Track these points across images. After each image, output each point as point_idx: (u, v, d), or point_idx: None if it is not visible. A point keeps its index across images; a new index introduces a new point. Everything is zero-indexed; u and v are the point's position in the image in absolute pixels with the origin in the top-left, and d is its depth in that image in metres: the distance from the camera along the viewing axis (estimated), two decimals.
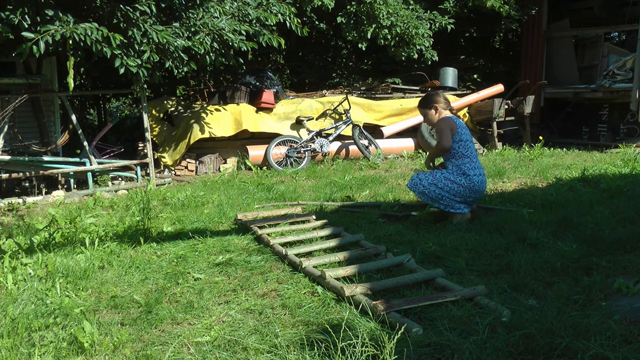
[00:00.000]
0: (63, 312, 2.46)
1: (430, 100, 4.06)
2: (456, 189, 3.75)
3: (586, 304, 2.30)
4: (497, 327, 2.06)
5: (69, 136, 6.57)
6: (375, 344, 1.86)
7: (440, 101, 4.02)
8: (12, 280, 2.85)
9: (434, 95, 4.10)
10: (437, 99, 4.04)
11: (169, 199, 5.24)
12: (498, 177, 5.62)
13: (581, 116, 9.17)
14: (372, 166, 7.24)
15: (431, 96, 4.10)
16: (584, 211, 3.86)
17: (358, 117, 8.31)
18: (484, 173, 3.90)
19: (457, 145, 3.84)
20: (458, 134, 3.83)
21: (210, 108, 7.76)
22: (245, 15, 6.73)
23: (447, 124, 3.87)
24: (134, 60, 5.27)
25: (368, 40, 9.05)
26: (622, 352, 1.82)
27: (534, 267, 2.77)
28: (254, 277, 2.93)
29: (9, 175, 5.99)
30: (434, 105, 4.01)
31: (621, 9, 9.41)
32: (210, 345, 2.11)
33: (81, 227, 3.92)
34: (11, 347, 2.13)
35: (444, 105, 4.01)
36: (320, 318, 2.31)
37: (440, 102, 4.02)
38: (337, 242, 3.43)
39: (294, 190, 5.63)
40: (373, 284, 2.56)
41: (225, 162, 7.83)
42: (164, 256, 3.38)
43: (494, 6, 9.47)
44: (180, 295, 2.71)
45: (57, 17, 4.80)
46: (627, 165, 5.74)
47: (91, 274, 3.02)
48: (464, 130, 3.89)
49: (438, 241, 3.35)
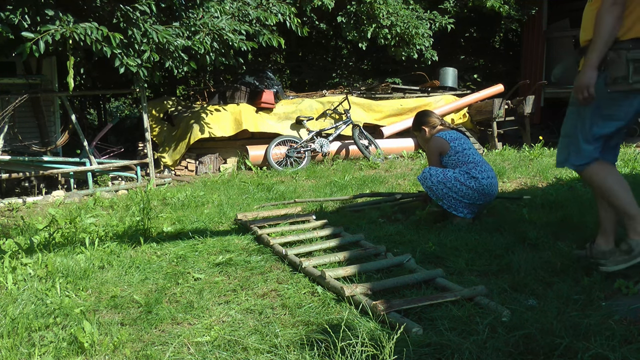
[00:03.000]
0: (63, 312, 2.46)
1: (417, 122, 4.16)
2: (465, 190, 3.73)
3: (586, 304, 2.29)
4: (497, 327, 2.06)
5: (69, 136, 6.57)
6: (375, 344, 1.86)
7: (428, 122, 4.09)
8: (12, 280, 2.85)
9: (420, 117, 4.16)
10: (424, 120, 4.11)
11: (169, 199, 5.24)
12: (498, 177, 5.61)
13: None
14: (372, 166, 7.24)
15: (418, 118, 4.17)
16: (584, 211, 3.86)
17: (358, 117, 8.32)
18: (494, 176, 3.85)
19: (453, 159, 3.84)
20: (451, 149, 3.84)
21: (210, 108, 7.76)
22: (245, 15, 6.74)
23: (435, 147, 3.91)
24: (134, 60, 5.27)
25: (368, 40, 9.05)
26: (622, 352, 1.82)
27: (534, 267, 2.77)
28: (254, 277, 2.93)
29: (9, 175, 5.99)
30: (421, 128, 4.11)
31: None
32: (210, 345, 2.11)
33: (81, 227, 3.92)
34: (11, 347, 2.14)
35: (432, 123, 4.08)
36: (320, 318, 2.31)
37: (427, 122, 4.09)
38: (337, 242, 3.43)
39: (294, 190, 5.63)
40: (373, 284, 2.56)
41: (225, 162, 7.83)
42: (164, 256, 3.39)
43: (494, 6, 9.47)
44: (180, 295, 2.71)
45: (57, 17, 4.81)
46: (627, 165, 5.74)
47: (91, 274, 3.02)
48: (458, 141, 3.86)
49: (438, 241, 3.35)
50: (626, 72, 2.48)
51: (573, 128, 2.68)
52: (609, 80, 2.51)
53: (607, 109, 2.56)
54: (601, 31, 2.47)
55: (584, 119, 2.62)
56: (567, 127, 2.74)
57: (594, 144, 2.63)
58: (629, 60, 2.47)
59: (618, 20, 2.46)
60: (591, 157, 2.64)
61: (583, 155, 2.65)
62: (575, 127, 2.67)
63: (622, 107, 2.55)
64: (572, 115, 2.70)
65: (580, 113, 2.64)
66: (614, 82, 2.50)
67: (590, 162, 2.65)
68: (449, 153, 3.85)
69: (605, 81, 2.52)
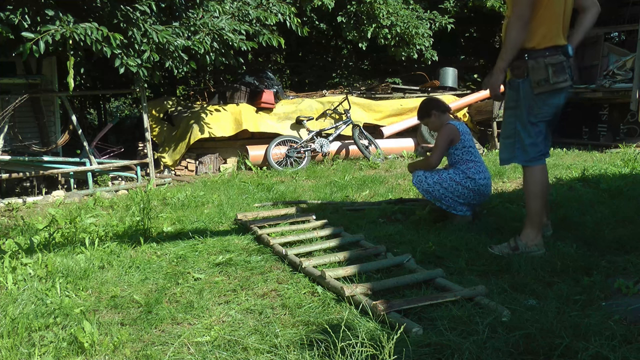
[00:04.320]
0: (63, 312, 2.46)
1: (425, 108, 3.98)
2: (460, 190, 3.73)
3: (586, 304, 2.29)
4: (497, 327, 2.06)
5: (69, 136, 6.57)
6: (375, 344, 1.86)
7: (438, 106, 3.93)
8: (12, 280, 2.85)
9: (428, 102, 4.01)
10: (433, 104, 3.94)
11: (169, 199, 5.24)
12: (498, 177, 5.62)
13: (581, 116, 9.17)
14: (372, 166, 7.24)
15: (425, 104, 4.02)
16: (584, 211, 3.86)
17: (358, 117, 8.31)
18: (490, 176, 3.85)
19: (460, 152, 3.79)
20: (461, 141, 3.78)
21: (210, 108, 7.76)
22: (245, 15, 6.74)
23: (447, 134, 3.78)
24: (134, 60, 5.27)
25: (368, 40, 9.06)
26: (622, 352, 1.82)
27: (534, 267, 2.77)
28: (254, 277, 2.93)
29: (9, 175, 5.99)
30: (431, 113, 3.92)
31: (621, 9, 9.41)
32: (210, 345, 2.11)
33: (81, 227, 3.92)
34: (11, 347, 2.13)
35: (442, 108, 3.93)
36: (320, 318, 2.31)
37: (438, 106, 3.92)
38: (337, 242, 3.43)
39: (294, 190, 5.63)
40: (373, 284, 2.56)
41: (225, 162, 7.83)
42: (164, 256, 3.38)
43: (494, 6, 9.48)
44: (180, 295, 2.71)
45: (57, 17, 4.81)
46: (627, 165, 5.74)
47: (91, 274, 3.02)
48: (467, 136, 3.83)
49: (438, 241, 3.35)
50: (546, 74, 2.90)
51: (513, 130, 3.08)
52: (533, 84, 2.93)
53: (538, 108, 2.98)
54: (507, 39, 2.90)
55: (522, 120, 3.02)
56: (507, 130, 3.14)
57: (536, 138, 3.03)
58: (547, 64, 2.90)
59: (522, 32, 2.86)
60: (537, 151, 3.05)
61: (529, 151, 3.04)
62: (515, 129, 3.07)
63: (550, 105, 2.98)
64: (510, 119, 3.11)
65: (517, 116, 3.04)
66: (538, 85, 2.92)
67: (538, 158, 3.07)
68: (456, 146, 3.79)
69: (530, 85, 2.94)
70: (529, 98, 2.97)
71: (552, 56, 2.91)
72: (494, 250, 3.09)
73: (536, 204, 3.06)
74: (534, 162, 3.06)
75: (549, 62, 2.90)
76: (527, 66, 2.94)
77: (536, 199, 3.06)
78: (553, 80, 2.91)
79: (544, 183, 3.12)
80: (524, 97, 2.98)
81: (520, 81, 2.99)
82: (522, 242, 3.04)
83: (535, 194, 3.06)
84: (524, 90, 2.98)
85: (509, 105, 3.11)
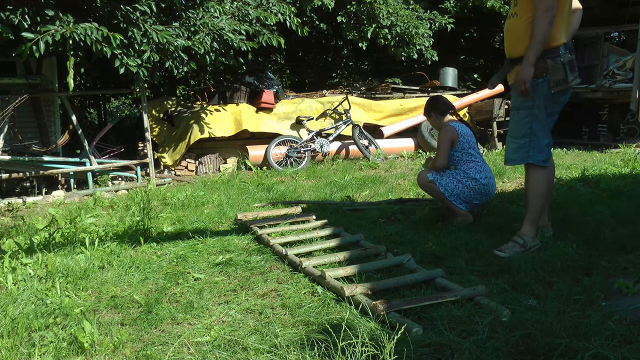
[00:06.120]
0: (63, 312, 2.46)
1: (427, 107, 4.09)
2: (461, 188, 3.73)
3: (586, 304, 2.29)
4: (497, 327, 2.06)
5: (69, 136, 6.56)
6: (375, 344, 1.86)
7: (436, 108, 4.00)
8: (12, 280, 2.85)
9: (431, 102, 4.10)
10: (433, 106, 4.03)
11: (169, 199, 5.24)
12: (498, 177, 5.62)
13: (581, 116, 9.17)
14: (372, 166, 7.24)
15: (429, 103, 4.11)
16: (584, 211, 3.86)
17: (358, 117, 8.31)
18: (492, 176, 3.86)
19: (459, 154, 3.81)
20: (460, 143, 3.81)
21: (210, 108, 7.76)
22: (245, 15, 6.74)
23: (447, 136, 3.82)
24: (134, 60, 5.27)
25: (368, 40, 9.05)
26: (622, 352, 1.82)
27: (534, 267, 2.77)
28: (254, 277, 2.93)
29: (9, 175, 5.99)
30: (430, 113, 4.05)
31: (621, 9, 9.41)
32: (210, 345, 2.11)
33: (81, 227, 3.92)
34: (11, 347, 2.13)
35: (440, 110, 3.98)
36: (320, 318, 2.31)
37: (436, 108, 4.00)
38: (337, 242, 3.42)
39: (294, 190, 5.63)
40: (373, 284, 2.56)
41: (225, 162, 7.83)
42: (164, 256, 3.38)
43: (494, 6, 9.48)
44: (180, 295, 2.71)
45: (57, 17, 4.81)
46: (627, 165, 5.74)
47: (91, 274, 3.01)
48: (467, 137, 3.84)
49: (438, 241, 3.35)
50: (564, 74, 2.94)
51: (529, 129, 3.05)
52: (552, 84, 2.96)
53: (551, 107, 3.04)
54: (537, 33, 2.85)
55: (540, 118, 3.02)
56: (521, 129, 3.09)
57: (549, 137, 3.09)
58: (564, 63, 2.92)
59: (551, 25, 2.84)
60: (549, 151, 3.10)
61: (545, 151, 3.07)
62: (531, 128, 3.04)
63: (560, 103, 3.07)
64: (526, 118, 3.06)
65: (534, 115, 3.03)
66: (556, 84, 2.95)
67: (549, 159, 3.12)
68: (455, 147, 3.83)
69: (549, 85, 2.96)
70: (546, 98, 2.98)
71: (564, 55, 2.92)
72: (504, 253, 3.03)
73: (540, 202, 3.10)
74: (547, 162, 3.10)
75: (565, 61, 2.92)
76: (546, 66, 2.93)
77: (541, 197, 3.10)
78: (570, 78, 2.95)
79: (551, 182, 3.19)
80: (541, 96, 2.98)
81: (540, 81, 2.97)
82: (527, 236, 3.09)
83: (541, 192, 3.10)
84: (541, 90, 2.97)
85: (523, 105, 3.06)
